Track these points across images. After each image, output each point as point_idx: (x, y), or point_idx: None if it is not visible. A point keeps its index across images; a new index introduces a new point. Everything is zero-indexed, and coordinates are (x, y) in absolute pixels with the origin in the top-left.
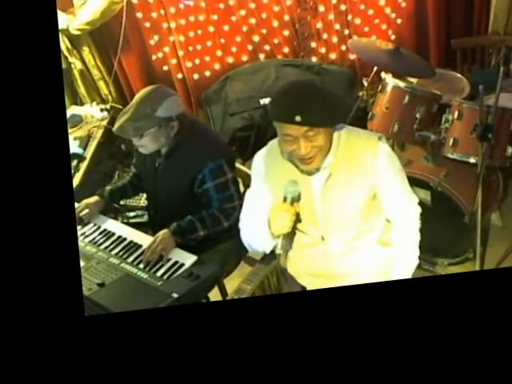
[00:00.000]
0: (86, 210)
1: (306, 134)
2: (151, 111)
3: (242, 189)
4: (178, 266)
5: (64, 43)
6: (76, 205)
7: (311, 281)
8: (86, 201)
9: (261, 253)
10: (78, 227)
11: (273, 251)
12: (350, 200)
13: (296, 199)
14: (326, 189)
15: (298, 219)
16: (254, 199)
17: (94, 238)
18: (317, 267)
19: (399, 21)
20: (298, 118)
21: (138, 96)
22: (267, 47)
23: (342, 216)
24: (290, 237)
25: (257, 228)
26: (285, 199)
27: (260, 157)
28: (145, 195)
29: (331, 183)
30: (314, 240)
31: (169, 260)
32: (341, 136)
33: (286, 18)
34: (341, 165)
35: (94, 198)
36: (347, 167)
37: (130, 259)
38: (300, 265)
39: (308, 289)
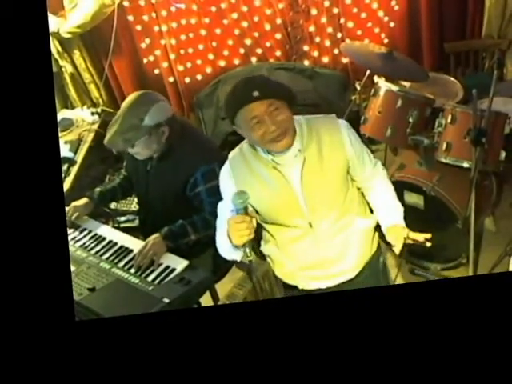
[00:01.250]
0: (76, 213)
1: (269, 110)
2: (138, 121)
3: None
4: (169, 270)
5: (55, 46)
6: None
7: (305, 275)
8: (74, 203)
9: (233, 260)
10: (69, 231)
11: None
12: (329, 179)
13: (247, 208)
14: (305, 175)
15: (255, 224)
16: (223, 212)
17: (84, 243)
18: (309, 259)
19: (392, 24)
20: (255, 93)
21: (123, 106)
22: (259, 50)
23: (325, 197)
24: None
25: (222, 240)
26: (237, 211)
27: (226, 171)
28: (136, 199)
29: (308, 169)
30: (302, 231)
31: (160, 265)
32: (301, 122)
33: (279, 21)
34: (310, 149)
35: (83, 200)
36: (317, 149)
37: (121, 264)
38: (290, 263)
39: (302, 283)
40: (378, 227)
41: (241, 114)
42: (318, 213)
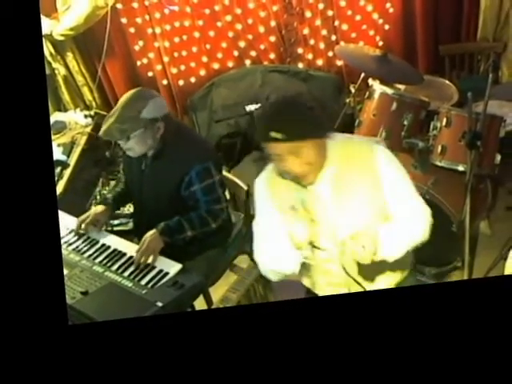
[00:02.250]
0: (98, 222)
1: (291, 150)
2: (136, 113)
3: (227, 197)
4: (162, 274)
5: (47, 49)
6: (63, 215)
7: (331, 290)
8: (93, 212)
9: (291, 274)
10: (63, 234)
11: None
12: (360, 203)
13: (303, 203)
14: (334, 199)
15: (314, 223)
16: (268, 225)
17: (77, 246)
18: (337, 278)
19: (387, 27)
20: (273, 134)
21: (122, 99)
22: (253, 53)
23: (355, 222)
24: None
25: (281, 249)
26: (293, 208)
27: (260, 182)
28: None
29: (337, 193)
30: (330, 254)
31: (153, 268)
32: (333, 145)
33: (273, 23)
34: (341, 172)
35: (101, 208)
36: (348, 173)
37: (114, 267)
38: (320, 277)
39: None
40: None
41: (266, 148)
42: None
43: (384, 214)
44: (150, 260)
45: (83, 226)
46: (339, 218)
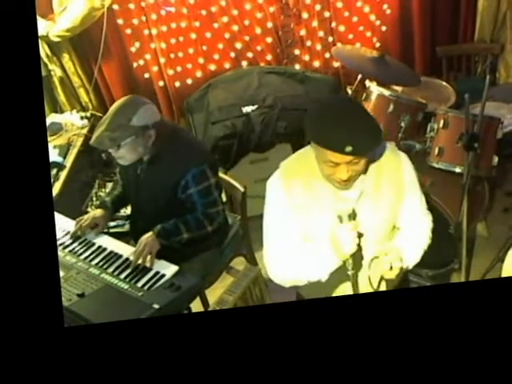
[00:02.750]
0: (98, 227)
1: (351, 161)
2: (126, 120)
3: (224, 198)
4: (158, 276)
5: (44, 50)
6: (60, 216)
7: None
8: (92, 215)
9: (315, 281)
10: (59, 236)
11: None
12: (382, 214)
13: (352, 215)
14: (360, 206)
15: (360, 235)
16: (284, 228)
17: (73, 248)
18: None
19: (384, 28)
20: (348, 149)
21: (112, 107)
22: (250, 54)
23: (374, 232)
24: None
25: (312, 256)
26: (340, 218)
27: (276, 182)
28: None
29: (363, 200)
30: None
31: (150, 270)
32: None
33: (269, 24)
34: (369, 180)
35: (100, 212)
36: (375, 181)
37: (111, 269)
38: (339, 293)
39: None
40: None
41: (322, 151)
42: (365, 247)
43: (395, 222)
44: (146, 262)
45: (81, 228)
46: (368, 227)
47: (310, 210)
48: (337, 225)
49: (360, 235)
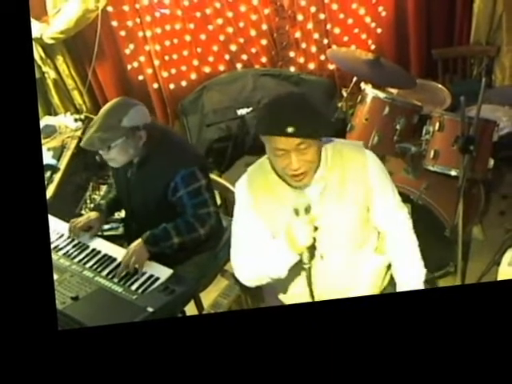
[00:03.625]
0: (92, 229)
1: (299, 147)
2: (117, 121)
3: (219, 201)
4: (153, 279)
5: (38, 52)
6: (54, 219)
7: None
8: (86, 218)
9: (276, 278)
10: (53, 239)
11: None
12: (347, 211)
13: (308, 208)
14: (322, 203)
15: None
16: (250, 229)
17: (67, 251)
18: (317, 288)
19: (379, 30)
20: (290, 130)
21: (103, 109)
22: (244, 57)
23: (341, 229)
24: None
25: (271, 253)
26: (296, 212)
27: (242, 186)
28: None
29: (326, 196)
30: (329, 263)
31: (144, 274)
32: (327, 148)
33: (264, 27)
34: (332, 177)
35: (94, 214)
36: (339, 178)
37: (105, 272)
38: (297, 288)
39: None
40: None
41: (268, 140)
42: (331, 245)
43: (370, 223)
44: (133, 271)
45: (75, 230)
46: (333, 224)
47: (273, 210)
48: (293, 218)
49: (315, 228)
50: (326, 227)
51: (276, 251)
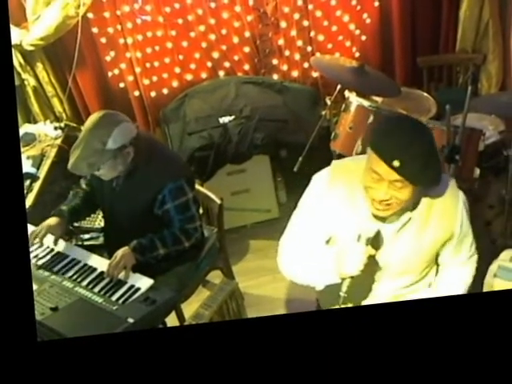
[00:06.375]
0: (52, 236)
1: (395, 182)
2: (101, 145)
3: (200, 210)
4: (133, 290)
5: (17, 59)
6: (33, 228)
7: None
8: (47, 224)
9: (308, 284)
10: (32, 249)
11: None
12: (418, 252)
13: (371, 240)
14: (399, 236)
15: (369, 262)
16: (310, 220)
17: (47, 261)
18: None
19: (364, 37)
20: (396, 163)
21: (85, 129)
22: (227, 64)
23: (409, 264)
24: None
25: (317, 259)
26: (359, 237)
27: (323, 177)
28: (99, 217)
29: (406, 231)
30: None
31: (124, 284)
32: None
33: (247, 34)
34: (416, 215)
35: (55, 220)
36: (423, 218)
37: (85, 283)
38: (352, 296)
39: None
40: None
41: (372, 158)
42: (389, 273)
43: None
44: (121, 275)
45: (37, 240)
46: (398, 261)
47: (341, 214)
48: (352, 241)
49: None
50: (391, 258)
51: (322, 261)
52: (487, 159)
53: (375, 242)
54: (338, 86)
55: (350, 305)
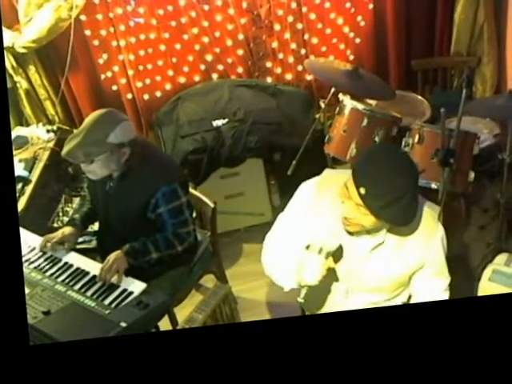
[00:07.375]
0: (67, 244)
1: (360, 206)
2: (103, 136)
3: (194, 214)
4: (126, 294)
5: (9, 61)
6: (25, 232)
7: None
8: (61, 233)
9: (279, 284)
10: (24, 252)
11: None
12: (395, 269)
13: (331, 254)
14: (372, 254)
15: (328, 274)
16: (290, 230)
17: (39, 265)
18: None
19: (358, 40)
20: (361, 190)
21: (89, 120)
22: (220, 67)
23: (381, 283)
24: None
25: (284, 266)
26: (320, 251)
27: (312, 183)
28: None
29: (380, 251)
30: (336, 292)
31: (117, 288)
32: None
33: (241, 36)
34: (395, 237)
35: (69, 229)
36: (399, 241)
37: (77, 286)
38: (316, 305)
39: None
40: None
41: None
42: (363, 290)
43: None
44: (114, 279)
45: (49, 245)
46: (372, 277)
47: (322, 225)
48: (313, 251)
49: (328, 274)
50: (366, 275)
51: (289, 265)
52: (482, 163)
53: (336, 256)
54: (332, 89)
55: (307, 313)
